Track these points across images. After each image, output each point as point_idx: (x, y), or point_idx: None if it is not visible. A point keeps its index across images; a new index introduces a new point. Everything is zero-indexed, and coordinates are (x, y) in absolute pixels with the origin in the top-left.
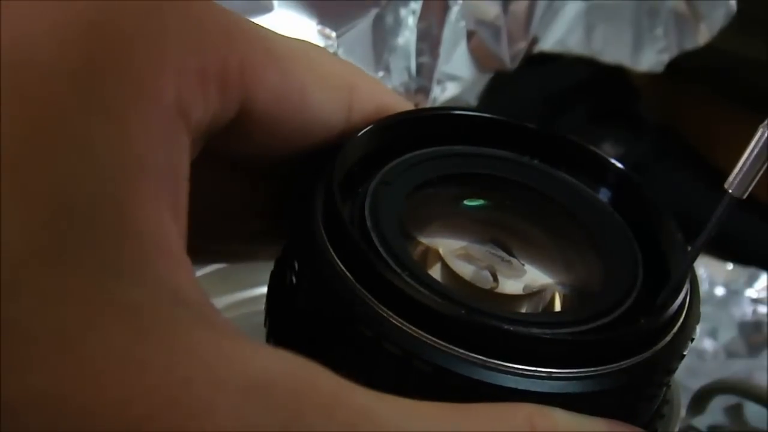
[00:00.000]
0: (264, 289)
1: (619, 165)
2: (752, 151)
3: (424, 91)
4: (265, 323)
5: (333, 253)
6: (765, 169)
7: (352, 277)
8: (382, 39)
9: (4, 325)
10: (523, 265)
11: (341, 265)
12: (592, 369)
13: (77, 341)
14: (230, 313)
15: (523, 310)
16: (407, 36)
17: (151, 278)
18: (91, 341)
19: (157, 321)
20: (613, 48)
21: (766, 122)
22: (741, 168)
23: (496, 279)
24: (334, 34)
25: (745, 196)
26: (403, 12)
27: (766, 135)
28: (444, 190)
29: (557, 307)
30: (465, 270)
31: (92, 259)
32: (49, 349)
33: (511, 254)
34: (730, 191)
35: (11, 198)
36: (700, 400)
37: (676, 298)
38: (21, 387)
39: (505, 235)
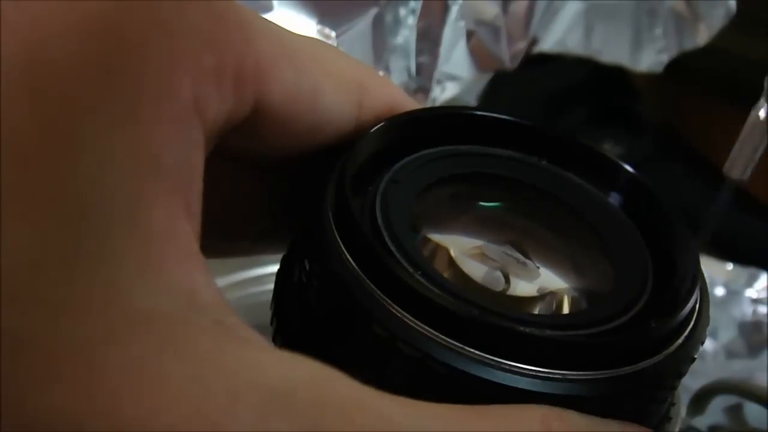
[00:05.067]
0: (261, 270)
1: (629, 168)
2: (747, 132)
3: (424, 91)
4: (271, 322)
5: (345, 252)
6: (762, 152)
7: (365, 277)
8: (381, 38)
9: (17, 340)
10: (538, 267)
11: (354, 264)
12: (606, 371)
13: (95, 355)
14: (228, 295)
15: (536, 312)
16: (407, 36)
17: (167, 283)
18: (110, 354)
19: (174, 329)
20: (613, 48)
21: (760, 101)
22: (739, 151)
23: (508, 280)
24: (333, 34)
25: (746, 177)
26: (402, 11)
27: (761, 113)
28: (454, 190)
29: (568, 309)
30: (477, 270)
31: (107, 265)
32: (67, 365)
33: (526, 256)
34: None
35: (22, 202)
36: (700, 400)
37: (688, 299)
38: (39, 405)
39: (520, 236)
